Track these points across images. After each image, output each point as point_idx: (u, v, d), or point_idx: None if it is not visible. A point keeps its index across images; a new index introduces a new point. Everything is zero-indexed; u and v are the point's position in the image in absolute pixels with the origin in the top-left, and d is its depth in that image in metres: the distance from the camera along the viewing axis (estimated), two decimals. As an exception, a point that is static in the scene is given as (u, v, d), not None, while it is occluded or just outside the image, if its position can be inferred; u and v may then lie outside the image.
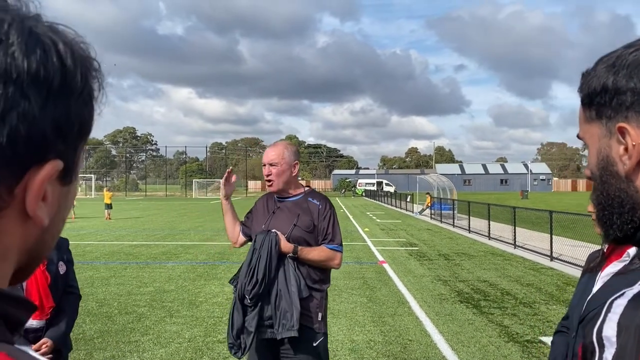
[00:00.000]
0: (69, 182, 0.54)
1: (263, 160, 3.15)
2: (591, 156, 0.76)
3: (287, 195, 3.14)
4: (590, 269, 2.08)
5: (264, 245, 2.90)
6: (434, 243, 16.18)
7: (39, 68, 0.48)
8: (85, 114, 0.54)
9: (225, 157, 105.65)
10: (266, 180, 3.14)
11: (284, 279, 2.90)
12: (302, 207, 3.09)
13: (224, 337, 6.14)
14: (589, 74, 0.74)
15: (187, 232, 19.50)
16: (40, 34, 0.50)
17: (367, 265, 11.54)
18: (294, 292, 2.88)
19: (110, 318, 7.04)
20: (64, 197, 0.55)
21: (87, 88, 0.53)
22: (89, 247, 14.69)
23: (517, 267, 11.52)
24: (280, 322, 2.85)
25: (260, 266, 2.86)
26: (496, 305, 7.92)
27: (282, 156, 3.07)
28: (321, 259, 3.02)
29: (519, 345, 5.99)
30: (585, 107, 0.76)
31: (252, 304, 2.87)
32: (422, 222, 24.82)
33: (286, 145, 3.18)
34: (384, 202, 47.36)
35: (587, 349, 0.88)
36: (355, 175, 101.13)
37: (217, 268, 11.06)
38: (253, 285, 2.85)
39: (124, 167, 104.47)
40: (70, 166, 0.53)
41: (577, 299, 2.04)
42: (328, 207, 3.11)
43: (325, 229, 3.06)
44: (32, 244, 0.53)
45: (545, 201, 44.21)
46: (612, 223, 0.73)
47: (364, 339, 6.20)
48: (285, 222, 3.05)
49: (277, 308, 2.87)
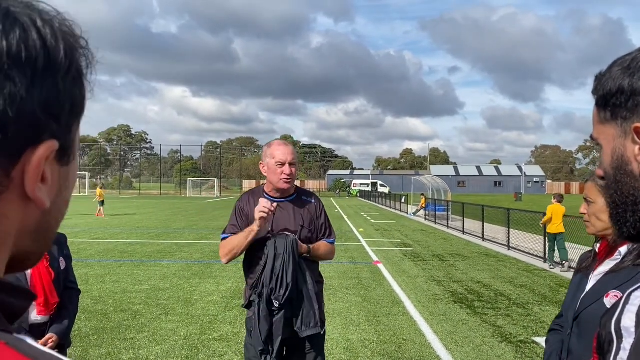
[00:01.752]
0: (67, 162, 0.54)
1: (282, 159, 3.03)
2: (605, 156, 0.78)
3: (282, 196, 3.13)
4: (582, 268, 2.14)
5: (287, 249, 2.93)
6: (428, 244, 16.24)
7: (20, 48, 0.47)
8: (76, 91, 0.53)
9: (220, 156, 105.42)
10: (284, 179, 3.04)
11: (303, 280, 2.99)
12: (301, 206, 3.13)
13: (220, 335, 6.18)
14: (604, 76, 0.76)
15: (181, 230, 19.48)
16: (18, 12, 0.49)
17: (362, 265, 11.58)
18: (312, 291, 2.99)
19: (105, 315, 7.04)
20: (65, 178, 0.54)
21: (75, 65, 0.52)
22: (83, 244, 14.66)
23: (510, 269, 11.59)
24: (304, 321, 2.94)
25: (288, 271, 2.91)
26: (490, 305, 7.98)
27: (296, 155, 3.14)
28: (325, 254, 3.17)
29: (512, 346, 6.05)
30: (600, 108, 0.77)
31: (278, 308, 2.92)
32: (416, 223, 24.89)
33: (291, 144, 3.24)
34: (379, 202, 47.44)
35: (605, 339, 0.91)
36: (350, 176, 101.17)
37: (212, 267, 11.08)
38: (285, 290, 2.90)
39: (118, 165, 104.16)
40: (66, 145, 0.53)
41: (571, 298, 2.10)
42: (321, 204, 3.24)
43: (323, 224, 3.19)
44: (35, 227, 0.52)
45: (538, 203, 44.41)
46: (625, 221, 0.76)
47: (359, 338, 6.24)
48: (291, 223, 3.07)
49: (298, 308, 2.96)
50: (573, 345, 2.01)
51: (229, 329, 6.46)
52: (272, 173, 3.07)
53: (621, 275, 1.88)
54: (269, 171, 3.09)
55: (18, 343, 0.46)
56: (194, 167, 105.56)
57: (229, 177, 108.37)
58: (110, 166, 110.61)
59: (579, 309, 2.00)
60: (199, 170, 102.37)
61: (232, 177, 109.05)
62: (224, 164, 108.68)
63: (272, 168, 3.06)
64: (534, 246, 13.81)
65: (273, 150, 3.09)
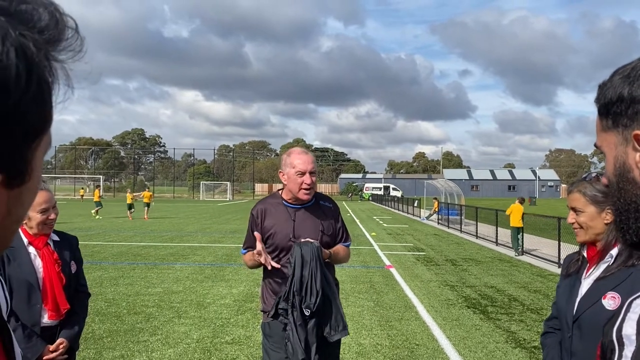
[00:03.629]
0: (20, 184, 0.48)
1: (302, 168, 3.01)
2: (608, 164, 0.78)
3: (302, 202, 3.12)
4: (571, 272, 2.20)
5: (314, 257, 2.93)
6: (441, 248, 16.15)
7: None
8: (34, 111, 0.46)
9: (233, 159, 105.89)
10: (304, 189, 3.02)
11: (328, 285, 2.99)
12: (319, 212, 3.13)
13: (232, 339, 6.19)
14: (605, 85, 0.77)
15: (194, 233, 19.57)
16: None
17: (374, 270, 11.54)
18: (336, 294, 3.01)
19: (119, 318, 7.09)
20: (15, 200, 0.49)
21: (34, 81, 0.45)
22: (97, 247, 14.78)
23: (524, 274, 11.49)
24: (333, 325, 2.96)
25: (316, 278, 2.91)
26: (503, 311, 7.91)
27: (315, 165, 3.13)
28: (344, 258, 3.20)
29: (526, 351, 5.99)
30: (602, 116, 0.78)
31: (309, 316, 2.93)
32: (429, 227, 24.78)
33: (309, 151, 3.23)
34: (391, 206, 47.30)
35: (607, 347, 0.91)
36: (362, 180, 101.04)
37: (225, 270, 11.11)
38: (315, 299, 2.90)
39: (132, 168, 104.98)
40: (18, 172, 0.47)
41: (565, 301, 2.15)
42: (336, 207, 3.25)
43: (341, 229, 3.21)
44: None
45: (553, 207, 44.01)
46: (628, 228, 0.76)
47: (371, 342, 6.22)
48: (311, 230, 3.07)
49: (327, 313, 2.97)
50: (575, 347, 2.05)
51: (242, 332, 6.47)
52: (292, 182, 3.04)
53: (615, 276, 1.97)
54: (289, 180, 3.06)
55: None
56: (207, 171, 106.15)
57: (241, 181, 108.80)
58: (124, 169, 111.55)
59: (578, 311, 2.06)
60: (211, 174, 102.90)
61: (244, 180, 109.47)
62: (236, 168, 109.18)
63: (292, 177, 3.04)
64: (548, 251, 13.67)
65: (293, 159, 3.06)
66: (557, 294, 2.26)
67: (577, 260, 2.20)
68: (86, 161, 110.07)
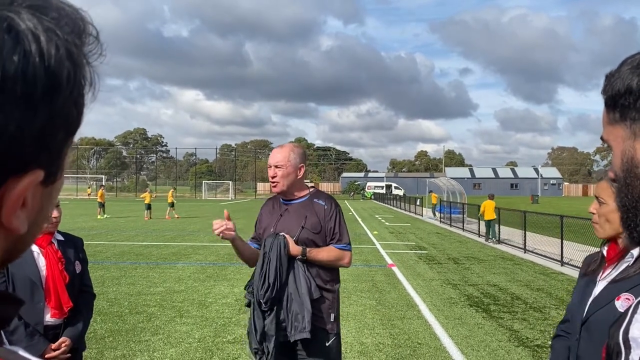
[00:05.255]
0: (52, 182, 0.50)
1: (269, 162, 3.13)
2: (615, 158, 0.75)
3: (293, 198, 3.13)
4: (588, 272, 2.04)
5: (273, 248, 2.91)
6: (443, 247, 16.13)
7: (17, 77, 0.42)
8: (74, 112, 0.48)
9: (235, 159, 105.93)
10: (271, 182, 3.11)
11: (294, 282, 2.92)
12: (308, 208, 3.09)
13: (234, 338, 6.18)
14: (613, 76, 0.73)
15: (196, 233, 19.57)
16: (20, 30, 0.42)
17: (376, 268, 11.53)
18: (305, 294, 2.89)
19: (121, 317, 7.09)
20: (47, 197, 0.50)
21: (77, 86, 0.47)
22: (100, 247, 14.79)
23: (527, 272, 11.47)
24: (293, 324, 2.87)
25: (270, 270, 2.88)
26: (506, 309, 7.89)
27: (288, 158, 3.07)
28: (330, 259, 3.02)
29: (529, 350, 5.97)
30: (609, 109, 0.74)
31: (268, 308, 2.88)
32: (431, 226, 24.75)
33: (293, 147, 3.16)
34: (393, 205, 47.26)
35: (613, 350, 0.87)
36: (364, 178, 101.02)
37: (227, 269, 11.10)
38: (266, 290, 2.86)
39: (134, 168, 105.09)
40: (54, 170, 0.49)
41: (578, 302, 2.00)
42: (334, 207, 3.11)
43: (332, 228, 3.07)
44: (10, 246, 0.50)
45: (555, 206, 43.93)
46: (636, 225, 0.72)
47: (373, 341, 6.20)
48: (292, 225, 3.04)
49: (289, 311, 2.88)
50: (582, 351, 1.91)
51: (243, 332, 6.46)
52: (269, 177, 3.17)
53: (633, 278, 1.78)
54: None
55: (10, 355, 0.45)
56: (209, 170, 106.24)
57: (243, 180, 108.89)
58: (127, 169, 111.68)
59: (588, 313, 1.91)
60: (213, 173, 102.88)
61: (246, 179, 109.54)
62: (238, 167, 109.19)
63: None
64: (550, 249, 13.64)
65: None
66: (572, 295, 2.12)
67: (596, 260, 2.05)
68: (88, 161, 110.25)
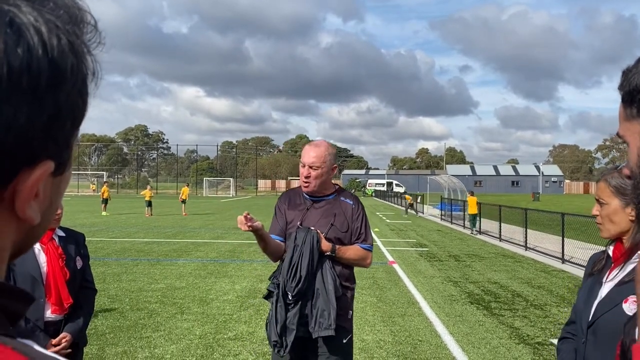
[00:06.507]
0: (61, 173, 0.51)
1: (303, 160, 3.03)
2: (631, 154, 0.74)
3: (320, 195, 3.09)
4: (594, 271, 1.99)
5: (306, 242, 2.88)
6: (444, 244, 16.13)
7: (22, 70, 0.43)
8: (79, 104, 0.49)
9: (236, 155, 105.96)
10: (303, 181, 3.03)
11: (322, 278, 2.91)
12: (336, 206, 3.07)
13: (235, 335, 6.19)
14: (630, 72, 0.72)
15: (198, 229, 19.59)
16: (22, 23, 0.43)
17: (377, 266, 11.53)
18: (331, 291, 2.89)
19: (122, 314, 7.10)
20: (57, 188, 0.52)
21: (80, 76, 0.48)
22: (101, 243, 14.81)
23: (528, 269, 11.47)
24: (317, 320, 2.85)
25: (303, 263, 2.85)
26: (507, 307, 7.89)
27: (324, 160, 3.01)
28: (356, 258, 3.04)
29: (529, 347, 5.97)
30: (625, 104, 0.73)
31: (293, 301, 2.86)
32: (432, 223, 24.76)
33: (328, 147, 3.09)
34: (394, 202, 47.26)
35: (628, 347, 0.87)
36: (365, 176, 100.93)
37: (228, 266, 11.11)
38: (297, 282, 2.84)
39: (135, 164, 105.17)
40: (63, 161, 0.50)
41: (583, 304, 1.95)
42: (360, 207, 3.12)
43: (359, 228, 3.06)
44: (23, 238, 0.51)
45: (556, 203, 43.87)
46: None
47: (374, 338, 6.21)
48: (321, 221, 3.01)
49: (314, 306, 2.87)
50: (589, 354, 1.86)
51: (244, 328, 6.47)
52: (300, 174, 3.09)
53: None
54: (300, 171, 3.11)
55: (25, 348, 0.45)
56: (210, 167, 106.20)
57: (244, 177, 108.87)
58: (127, 166, 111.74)
59: (594, 316, 1.86)
60: (215, 170, 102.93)
61: (247, 176, 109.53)
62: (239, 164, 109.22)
63: (300, 169, 3.09)
64: (551, 247, 13.64)
65: (303, 150, 3.11)
66: (578, 296, 2.06)
67: (601, 260, 1.99)
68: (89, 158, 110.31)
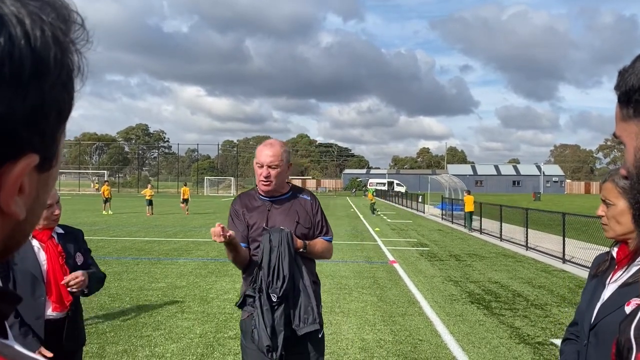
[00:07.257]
0: (48, 169, 0.50)
1: (260, 161, 3.01)
2: (628, 155, 0.73)
3: (278, 194, 3.10)
4: (598, 272, 1.97)
5: (282, 243, 2.89)
6: (445, 244, 16.13)
7: (4, 59, 0.42)
8: (64, 97, 0.48)
9: (237, 155, 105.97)
10: (262, 181, 3.01)
11: (300, 275, 2.94)
12: (296, 204, 3.10)
13: (235, 334, 6.19)
14: (627, 72, 0.71)
15: (198, 229, 19.59)
16: (4, 14, 0.43)
17: (378, 265, 11.53)
18: (309, 286, 2.93)
19: (122, 312, 7.10)
20: (43, 184, 0.51)
21: (65, 68, 0.47)
22: (102, 242, 14.82)
23: (528, 269, 11.46)
24: (302, 317, 2.88)
25: (284, 263, 2.86)
26: (507, 306, 7.89)
27: (281, 158, 3.02)
28: (322, 251, 3.12)
29: (530, 347, 5.97)
30: (622, 104, 0.73)
31: (277, 302, 2.87)
32: (433, 223, 24.75)
33: (282, 145, 3.11)
34: (395, 202, 47.25)
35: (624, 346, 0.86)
36: (366, 175, 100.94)
37: (229, 265, 11.11)
38: (282, 283, 2.85)
39: (136, 163, 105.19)
40: (49, 155, 0.49)
41: (586, 305, 1.93)
42: (317, 201, 3.20)
43: (320, 222, 3.14)
44: (9, 234, 0.49)
45: (557, 203, 43.83)
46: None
47: (374, 338, 6.21)
48: (286, 220, 3.03)
49: (296, 304, 2.90)
50: (591, 357, 1.85)
51: (244, 328, 6.47)
52: (256, 174, 3.07)
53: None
54: (255, 172, 3.09)
55: (5, 349, 0.45)
56: (211, 166, 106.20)
57: (245, 176, 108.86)
58: (128, 165, 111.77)
59: (597, 318, 1.84)
60: (215, 169, 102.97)
61: (248, 175, 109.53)
62: (240, 163, 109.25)
63: (255, 169, 3.07)
64: (552, 246, 13.63)
65: (257, 151, 3.08)
66: (581, 297, 2.04)
67: (605, 261, 1.97)
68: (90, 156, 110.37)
